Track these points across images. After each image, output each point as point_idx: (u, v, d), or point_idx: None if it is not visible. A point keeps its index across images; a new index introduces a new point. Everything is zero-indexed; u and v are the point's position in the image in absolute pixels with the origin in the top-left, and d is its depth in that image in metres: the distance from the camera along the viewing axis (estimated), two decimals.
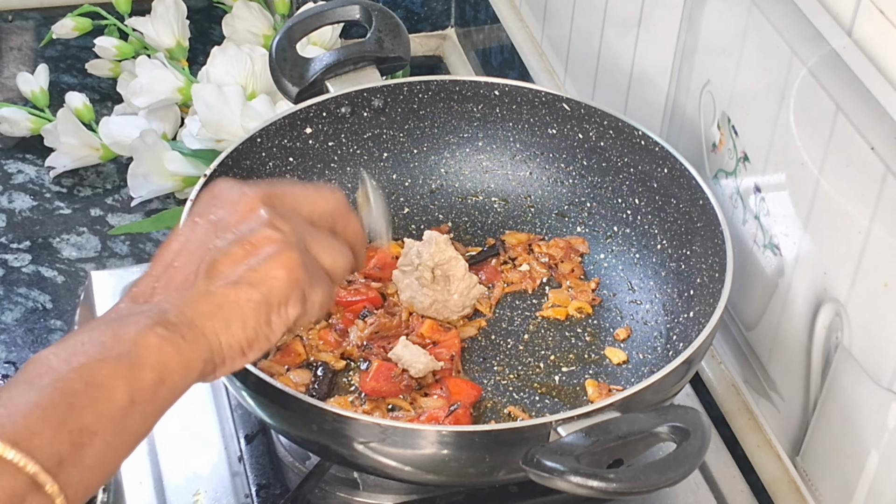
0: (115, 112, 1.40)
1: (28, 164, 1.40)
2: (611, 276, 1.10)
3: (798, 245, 0.95)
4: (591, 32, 1.26)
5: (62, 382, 0.66)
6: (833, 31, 0.85)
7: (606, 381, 1.01)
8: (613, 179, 1.10)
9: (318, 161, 1.11)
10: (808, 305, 0.94)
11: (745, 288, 1.03)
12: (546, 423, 0.83)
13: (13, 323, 1.22)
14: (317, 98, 1.10)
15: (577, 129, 1.11)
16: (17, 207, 1.35)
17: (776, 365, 1.00)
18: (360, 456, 0.86)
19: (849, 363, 0.89)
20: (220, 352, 0.72)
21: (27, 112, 1.40)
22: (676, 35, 1.08)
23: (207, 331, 0.71)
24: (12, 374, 1.18)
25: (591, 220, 1.12)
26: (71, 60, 1.54)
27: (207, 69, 1.33)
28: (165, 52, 1.41)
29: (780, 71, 0.92)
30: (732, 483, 1.01)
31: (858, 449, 0.90)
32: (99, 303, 1.10)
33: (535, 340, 1.05)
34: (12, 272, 1.27)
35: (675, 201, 1.05)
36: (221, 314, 0.72)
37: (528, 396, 1.00)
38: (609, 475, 0.77)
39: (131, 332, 0.69)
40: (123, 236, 1.31)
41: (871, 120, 0.82)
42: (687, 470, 0.79)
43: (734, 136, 1.01)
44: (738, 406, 1.06)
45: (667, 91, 1.12)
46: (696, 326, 0.98)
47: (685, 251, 1.04)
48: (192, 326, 0.71)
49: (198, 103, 1.27)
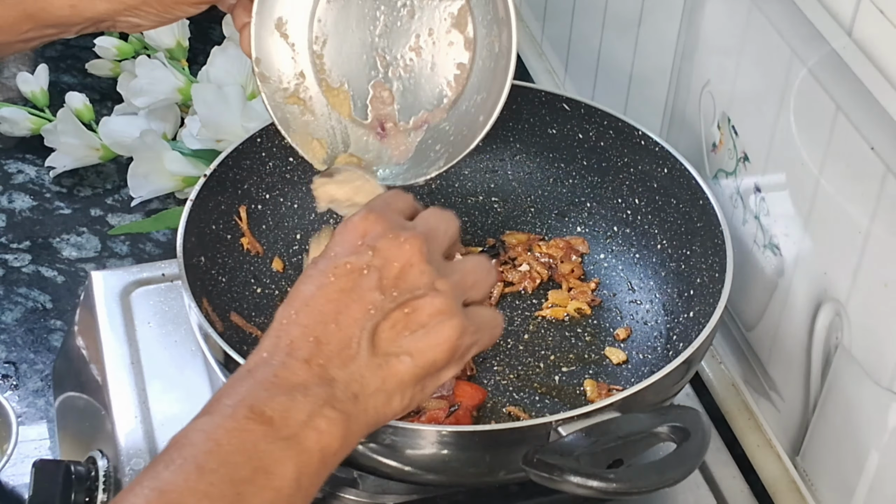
0: (115, 112, 1.40)
1: (28, 164, 1.40)
2: (611, 276, 1.10)
3: (798, 245, 0.95)
4: (591, 32, 1.26)
5: (231, 467, 0.64)
6: (833, 31, 0.85)
7: (606, 381, 1.01)
8: (613, 179, 1.11)
9: None
10: (808, 305, 0.94)
11: (745, 288, 1.03)
12: (546, 423, 0.83)
13: (13, 323, 1.22)
14: None
15: (577, 129, 1.11)
16: (17, 207, 1.35)
17: (776, 365, 1.00)
18: (360, 456, 0.86)
19: (849, 363, 0.89)
20: (376, 424, 0.71)
21: (27, 112, 1.40)
22: (676, 35, 1.08)
23: (370, 407, 0.69)
24: (12, 375, 1.18)
25: (591, 220, 1.12)
26: (71, 60, 1.54)
27: (207, 69, 1.33)
28: (165, 52, 1.41)
29: (780, 71, 0.92)
30: (732, 483, 1.01)
31: (858, 449, 0.90)
32: (99, 303, 1.10)
33: (535, 340, 1.05)
34: (12, 272, 1.27)
35: (675, 201, 1.05)
36: (384, 389, 0.70)
37: (528, 396, 1.00)
38: (609, 475, 0.77)
39: (302, 414, 0.66)
40: (123, 236, 1.31)
41: (871, 120, 0.82)
42: (687, 470, 0.79)
43: (734, 136, 1.01)
44: (738, 406, 1.06)
45: (667, 91, 1.12)
46: (696, 326, 0.98)
47: (685, 251, 1.04)
48: (357, 403, 0.69)
49: (198, 103, 1.27)
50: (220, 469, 0.64)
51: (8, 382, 1.17)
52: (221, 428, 0.65)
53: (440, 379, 0.73)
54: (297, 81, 0.88)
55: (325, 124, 0.88)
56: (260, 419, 0.66)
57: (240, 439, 0.65)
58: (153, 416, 1.02)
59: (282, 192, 1.10)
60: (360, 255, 0.71)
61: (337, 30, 0.86)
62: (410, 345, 0.70)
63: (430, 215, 0.76)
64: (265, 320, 1.04)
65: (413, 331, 0.71)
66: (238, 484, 0.63)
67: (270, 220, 1.09)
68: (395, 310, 0.70)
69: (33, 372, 1.18)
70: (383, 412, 0.70)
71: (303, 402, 0.67)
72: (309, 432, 0.66)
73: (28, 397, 1.16)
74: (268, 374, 0.68)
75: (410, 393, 0.71)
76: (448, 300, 0.71)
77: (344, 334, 0.70)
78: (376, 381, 0.70)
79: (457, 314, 0.71)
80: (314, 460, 0.66)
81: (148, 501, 0.62)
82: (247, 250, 1.06)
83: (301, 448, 0.66)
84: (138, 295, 1.12)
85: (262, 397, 0.67)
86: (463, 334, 0.72)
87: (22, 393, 1.17)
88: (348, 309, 0.70)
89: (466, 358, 0.74)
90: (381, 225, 0.73)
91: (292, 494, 0.65)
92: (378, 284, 0.71)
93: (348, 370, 0.69)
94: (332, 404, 0.67)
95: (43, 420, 1.15)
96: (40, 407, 1.16)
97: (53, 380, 1.17)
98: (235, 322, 1.01)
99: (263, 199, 1.08)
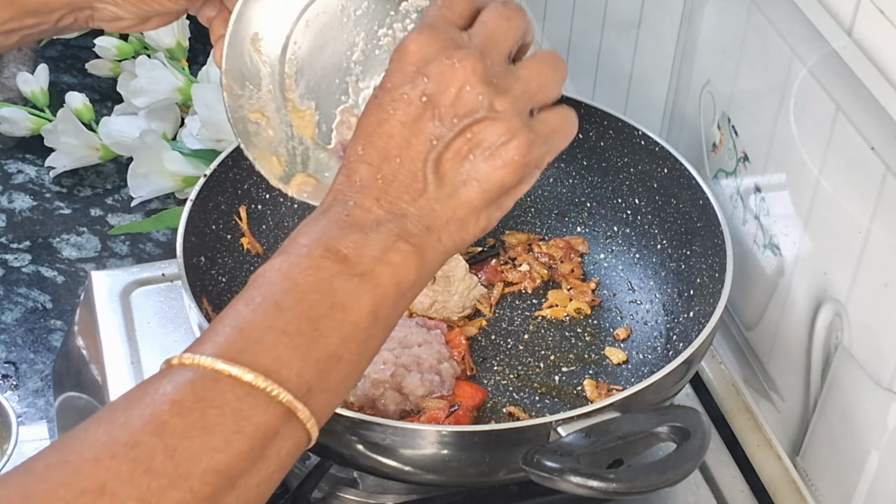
0: (115, 112, 1.40)
1: (28, 164, 1.40)
2: (611, 276, 1.10)
3: (798, 245, 0.95)
4: (591, 32, 1.26)
5: (308, 305, 0.65)
6: (833, 31, 0.85)
7: (606, 381, 1.01)
8: (613, 179, 1.11)
9: None
10: (808, 305, 0.94)
11: (745, 288, 1.03)
12: (546, 423, 0.83)
13: (13, 323, 1.22)
14: None
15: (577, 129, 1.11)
16: (17, 207, 1.35)
17: (776, 365, 1.00)
18: (360, 456, 0.86)
19: (849, 363, 0.89)
20: (455, 249, 0.71)
21: (27, 112, 1.40)
22: (676, 35, 1.08)
23: (444, 237, 0.70)
24: (12, 375, 1.18)
25: (591, 220, 1.12)
26: (71, 60, 1.54)
27: (207, 69, 1.33)
28: (165, 52, 1.41)
29: (780, 71, 0.92)
30: (732, 483, 1.01)
31: (858, 449, 0.90)
32: (99, 303, 1.10)
33: (535, 340, 1.05)
34: (12, 272, 1.27)
35: (675, 201, 1.05)
36: (456, 217, 0.70)
37: (528, 396, 1.00)
38: (609, 475, 0.77)
39: (375, 249, 0.67)
40: (123, 236, 1.31)
41: (871, 120, 0.82)
42: (687, 470, 0.79)
43: (734, 136, 1.01)
44: (738, 406, 1.06)
45: (667, 91, 1.12)
46: (696, 326, 0.98)
47: (685, 251, 1.04)
48: (430, 234, 0.69)
49: (198, 103, 1.27)
50: (297, 307, 0.65)
51: (8, 382, 1.17)
52: (297, 267, 0.66)
53: (517, 194, 0.72)
54: (264, 98, 0.88)
55: (286, 142, 0.88)
56: (335, 257, 0.66)
57: (316, 277, 0.66)
58: None
59: (282, 193, 1.09)
60: (415, 84, 0.69)
61: (311, 53, 0.86)
62: (476, 170, 0.69)
63: (490, 16, 0.72)
64: None
65: (477, 156, 0.70)
66: (315, 320, 0.65)
67: (270, 220, 1.09)
68: (456, 137, 0.69)
69: (33, 372, 1.18)
70: (461, 238, 0.71)
71: (375, 239, 0.67)
72: (383, 267, 0.67)
73: (28, 397, 1.16)
74: (341, 213, 0.69)
75: (486, 214, 0.71)
76: (508, 119, 0.69)
77: (409, 169, 0.69)
78: (447, 211, 0.70)
79: (520, 132, 0.70)
80: (390, 293, 0.67)
81: (228, 338, 0.64)
82: (247, 250, 1.06)
83: (376, 283, 0.66)
84: (138, 295, 1.12)
85: (336, 235, 0.68)
86: (529, 150, 0.70)
87: (22, 393, 1.17)
88: (409, 143, 0.69)
89: (542, 167, 0.73)
90: (435, 45, 0.70)
91: (370, 327, 0.66)
92: (435, 113, 0.69)
93: (418, 204, 0.69)
94: (405, 238, 0.68)
95: (43, 420, 1.15)
96: (40, 407, 1.16)
97: (53, 380, 1.17)
98: None
99: (263, 199, 1.08)
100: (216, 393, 0.62)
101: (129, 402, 0.62)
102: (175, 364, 0.63)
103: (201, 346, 0.64)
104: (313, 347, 0.64)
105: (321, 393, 0.64)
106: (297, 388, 0.63)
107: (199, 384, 0.62)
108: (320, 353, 0.64)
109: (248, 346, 0.63)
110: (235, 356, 0.63)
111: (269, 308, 0.65)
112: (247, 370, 0.62)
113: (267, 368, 0.63)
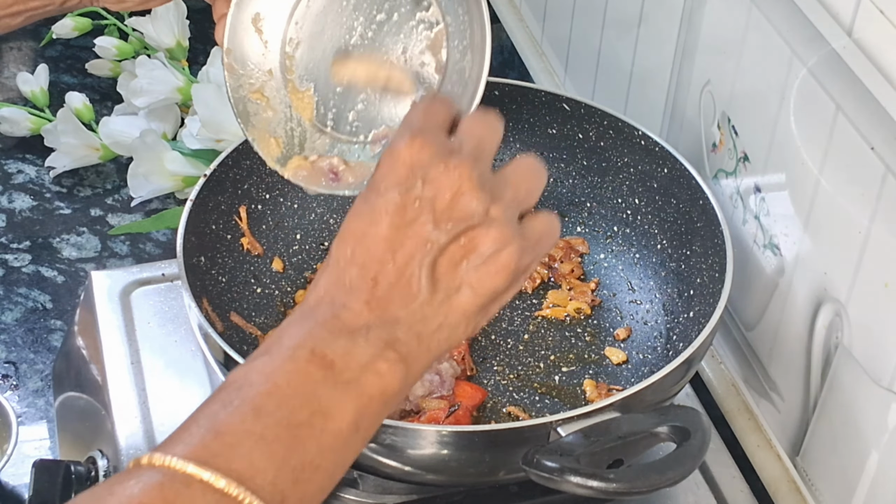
0: (115, 112, 1.40)
1: (28, 164, 1.40)
2: (611, 276, 1.10)
3: (798, 245, 0.95)
4: (591, 32, 1.26)
5: (288, 410, 0.63)
6: (833, 31, 0.85)
7: (606, 381, 1.01)
8: (613, 179, 1.11)
9: None
10: (808, 305, 0.94)
11: (745, 288, 1.03)
12: (546, 423, 0.83)
13: (13, 323, 1.22)
14: None
15: (577, 129, 1.11)
16: (17, 207, 1.35)
17: (776, 365, 1.00)
18: (360, 456, 0.86)
19: (849, 363, 0.89)
20: (440, 357, 0.70)
21: (27, 112, 1.40)
22: (676, 35, 1.08)
23: (433, 344, 0.68)
24: (12, 375, 1.18)
25: (591, 220, 1.12)
26: (71, 60, 1.54)
27: (207, 69, 1.33)
28: (165, 52, 1.41)
29: (780, 71, 0.92)
30: (732, 483, 1.01)
31: (858, 449, 0.90)
32: (99, 303, 1.10)
33: (535, 340, 1.05)
34: (12, 272, 1.27)
35: (675, 201, 1.05)
36: (447, 323, 0.68)
37: (528, 396, 1.00)
38: (609, 475, 0.77)
39: (363, 356, 0.65)
40: (123, 236, 1.31)
41: (871, 120, 0.82)
42: (687, 470, 0.79)
43: (734, 136, 1.01)
44: (738, 406, 1.06)
45: (667, 91, 1.12)
46: (696, 326, 0.98)
47: (685, 251, 1.04)
48: (420, 342, 0.68)
49: (198, 103, 1.27)
50: (277, 412, 0.63)
51: (8, 382, 1.17)
52: (281, 370, 0.64)
53: (503, 301, 0.71)
54: (264, 78, 0.88)
55: (285, 124, 0.88)
56: (321, 362, 0.65)
57: (299, 382, 0.64)
58: (153, 416, 1.02)
59: (282, 192, 1.10)
60: (410, 187, 0.68)
61: (312, 34, 0.86)
62: (470, 276, 0.68)
63: (475, 125, 0.73)
64: (265, 320, 1.04)
65: (471, 262, 0.69)
66: (295, 427, 0.63)
67: (270, 220, 1.09)
68: (451, 242, 0.68)
69: (33, 372, 1.18)
70: (448, 345, 0.69)
71: (364, 346, 0.66)
72: (369, 376, 0.65)
73: (28, 397, 1.16)
74: (328, 316, 0.67)
75: (475, 321, 0.70)
76: (503, 226, 0.69)
77: (402, 273, 0.68)
78: (439, 317, 0.68)
79: (513, 238, 0.69)
80: (374, 403, 0.65)
81: (202, 440, 0.62)
82: (247, 250, 1.06)
83: (361, 392, 0.65)
84: (138, 295, 1.12)
85: (323, 339, 0.66)
86: (521, 257, 0.70)
87: (22, 393, 1.17)
88: (404, 246, 0.68)
89: (528, 274, 0.72)
90: (428, 151, 0.69)
91: (350, 437, 0.65)
92: (431, 217, 0.68)
93: (410, 309, 0.67)
94: (393, 347, 0.66)
95: (43, 420, 1.15)
96: (40, 407, 1.16)
97: (53, 380, 1.17)
98: (235, 322, 1.01)
99: (263, 199, 1.08)
100: (186, 498, 0.60)
101: (94, 501, 0.60)
102: (144, 464, 0.61)
103: (172, 446, 0.62)
104: (291, 455, 0.62)
105: (295, 502, 0.62)
106: (272, 497, 0.61)
107: (169, 487, 0.60)
108: (297, 461, 0.62)
109: (222, 449, 0.61)
110: (208, 459, 0.61)
111: (248, 411, 0.63)
112: (220, 475, 0.60)
113: (241, 475, 0.60)
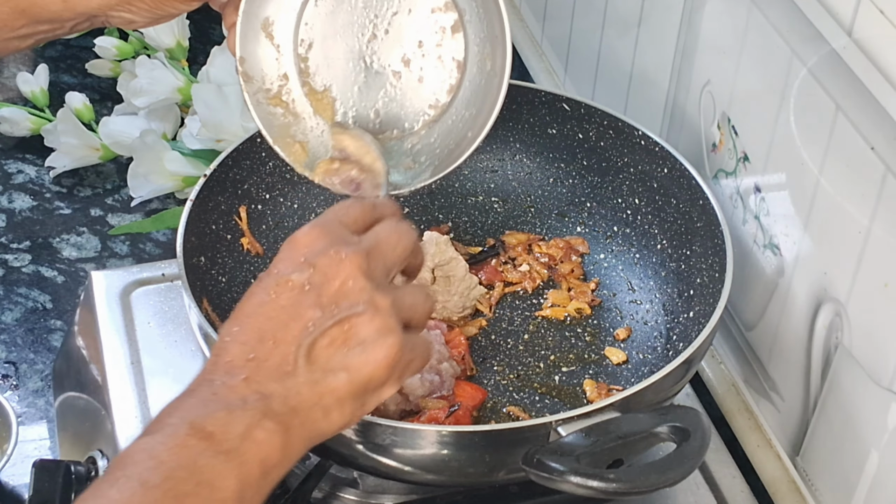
0: (115, 112, 1.40)
1: (28, 164, 1.40)
2: (611, 276, 1.10)
3: (798, 245, 0.95)
4: (591, 32, 1.26)
5: (174, 482, 0.64)
6: (833, 31, 0.85)
7: (606, 381, 1.01)
8: (613, 179, 1.11)
9: None
10: (808, 305, 0.94)
11: (745, 288, 1.03)
12: (546, 423, 0.83)
13: (13, 323, 1.22)
14: None
15: (577, 129, 1.11)
16: (17, 207, 1.35)
17: (776, 365, 1.00)
18: (360, 456, 0.86)
19: (849, 363, 0.89)
20: (317, 438, 0.71)
21: (27, 112, 1.40)
22: (676, 35, 1.08)
23: (308, 421, 0.70)
24: (12, 375, 1.18)
25: (591, 220, 1.12)
26: (71, 60, 1.54)
27: (207, 69, 1.33)
28: (165, 52, 1.41)
29: (780, 71, 0.92)
30: (732, 483, 1.01)
31: (858, 449, 0.90)
32: (99, 303, 1.10)
33: (535, 340, 1.05)
34: (12, 272, 1.27)
35: (675, 201, 1.05)
36: (321, 404, 0.70)
37: (528, 396, 1.00)
38: (609, 475, 0.77)
39: (240, 426, 0.67)
40: (123, 236, 1.31)
41: (871, 120, 0.82)
42: (687, 470, 0.79)
43: (734, 136, 1.01)
44: (738, 406, 1.06)
45: (667, 91, 1.12)
46: (696, 326, 0.98)
47: (685, 251, 1.04)
48: (296, 415, 0.69)
49: (198, 103, 1.27)
50: (163, 484, 0.64)
51: (8, 382, 1.17)
52: (163, 445, 0.66)
53: (381, 396, 0.73)
54: (280, 83, 0.87)
55: (307, 128, 0.88)
56: (200, 434, 0.66)
57: (181, 455, 0.65)
58: (153, 416, 1.02)
59: (282, 192, 1.10)
60: (301, 271, 0.72)
61: (324, 34, 0.85)
62: (347, 361, 0.71)
63: (383, 229, 0.77)
64: None
65: (351, 347, 0.71)
66: (181, 498, 0.64)
67: (270, 220, 1.09)
68: (333, 326, 0.71)
69: (33, 372, 1.18)
70: (323, 426, 0.71)
71: (241, 416, 0.68)
72: (248, 445, 0.67)
73: (28, 397, 1.16)
74: (207, 393, 0.69)
75: (350, 409, 0.71)
76: (386, 318, 0.72)
77: (281, 351, 0.70)
78: (313, 396, 0.70)
79: (394, 331, 0.72)
80: (255, 472, 0.67)
81: None
82: (247, 250, 1.06)
83: (241, 460, 0.66)
84: (138, 295, 1.12)
85: (201, 413, 0.68)
86: (400, 352, 0.72)
87: (22, 393, 1.17)
88: (287, 326, 0.71)
89: (406, 377, 0.74)
90: (324, 240, 0.73)
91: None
92: (317, 301, 0.71)
93: (285, 385, 0.70)
94: (270, 416, 0.68)
95: (43, 420, 1.15)
96: (40, 407, 1.16)
97: (53, 380, 1.17)
98: None
99: (263, 199, 1.08)
100: None
101: None
102: None
103: None
104: None
105: None
106: None
107: None
108: None
109: None
110: None
111: (135, 486, 0.64)
112: None
113: None
